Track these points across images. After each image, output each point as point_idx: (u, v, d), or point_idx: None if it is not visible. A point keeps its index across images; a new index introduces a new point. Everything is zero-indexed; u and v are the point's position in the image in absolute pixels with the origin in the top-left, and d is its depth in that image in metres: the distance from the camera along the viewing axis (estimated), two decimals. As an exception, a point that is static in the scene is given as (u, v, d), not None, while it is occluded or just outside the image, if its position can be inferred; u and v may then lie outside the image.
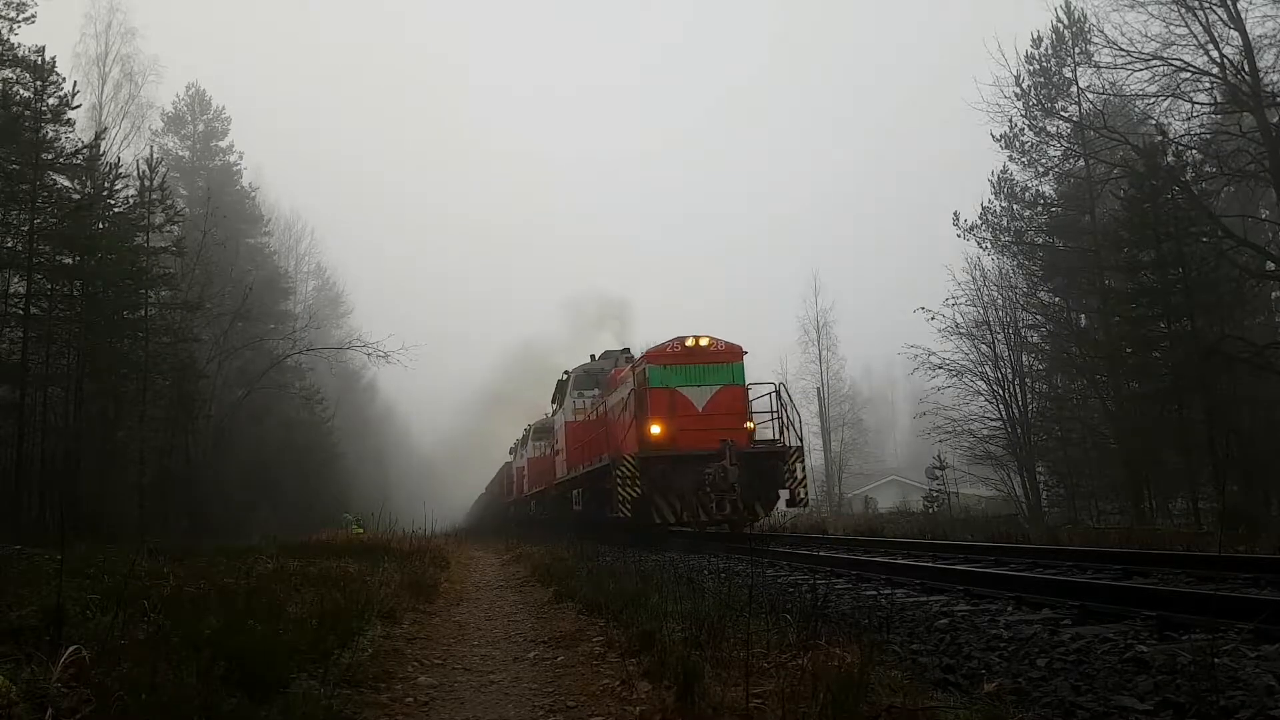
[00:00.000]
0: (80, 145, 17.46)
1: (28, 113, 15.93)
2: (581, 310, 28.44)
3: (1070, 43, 20.41)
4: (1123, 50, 15.37)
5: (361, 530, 17.21)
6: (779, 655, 3.07)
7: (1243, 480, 14.75)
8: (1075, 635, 3.57)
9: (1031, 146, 21.21)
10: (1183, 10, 14.83)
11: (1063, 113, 20.46)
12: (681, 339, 12.46)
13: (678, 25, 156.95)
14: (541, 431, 21.97)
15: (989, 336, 22.16)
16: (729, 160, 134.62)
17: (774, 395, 12.56)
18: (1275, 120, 14.34)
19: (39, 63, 16.42)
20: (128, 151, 25.36)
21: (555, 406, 19.23)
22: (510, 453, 28.75)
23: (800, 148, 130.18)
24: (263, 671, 2.88)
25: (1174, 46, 14.99)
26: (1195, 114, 15.59)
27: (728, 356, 12.49)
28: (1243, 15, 14.54)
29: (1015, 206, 21.91)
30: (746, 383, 12.63)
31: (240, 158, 34.97)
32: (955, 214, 22.23)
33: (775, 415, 12.42)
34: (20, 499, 15.13)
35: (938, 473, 22.85)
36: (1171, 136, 15.71)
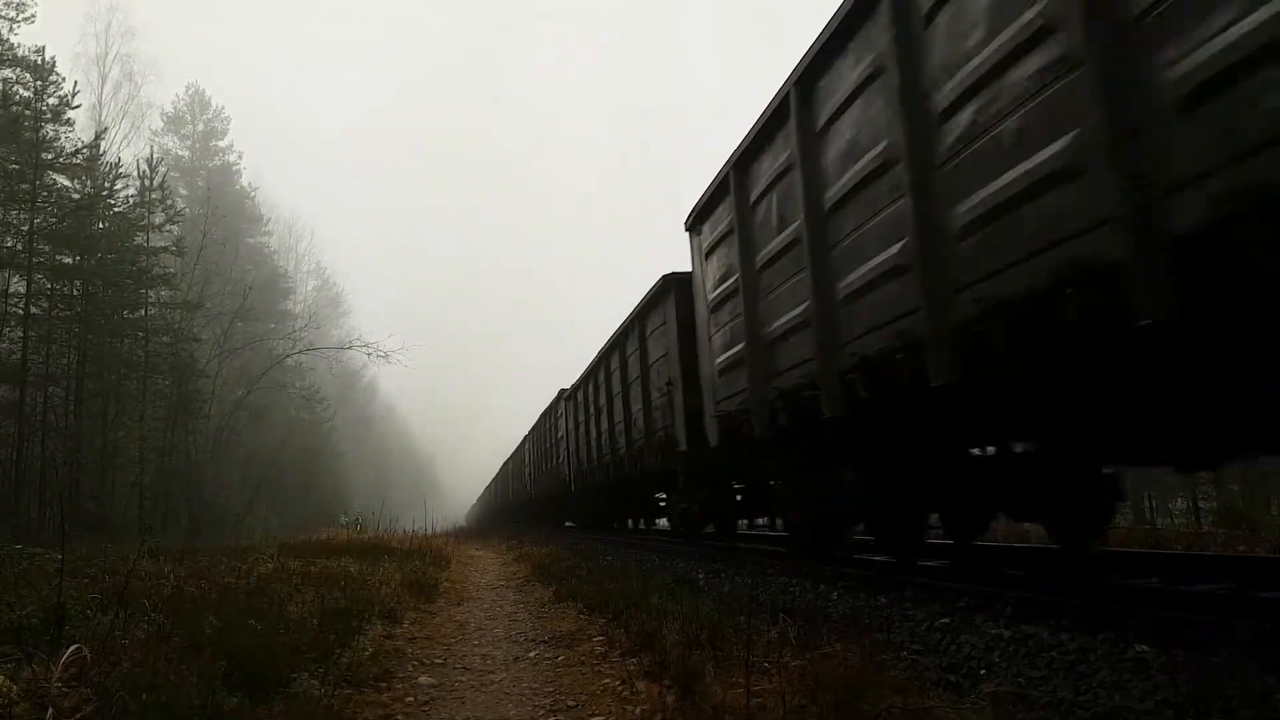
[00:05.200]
0: (80, 145, 17.48)
1: (28, 112, 15.94)
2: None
3: None
4: None
5: (360, 528, 17.23)
6: (780, 655, 3.07)
7: (1241, 479, 14.76)
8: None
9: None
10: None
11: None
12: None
13: None
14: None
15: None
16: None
17: None
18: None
19: (39, 62, 16.43)
20: (127, 151, 25.42)
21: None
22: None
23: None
24: (263, 671, 2.88)
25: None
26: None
27: None
28: None
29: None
30: None
31: (240, 157, 35.06)
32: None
33: None
34: (20, 499, 15.14)
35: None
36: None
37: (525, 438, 25.03)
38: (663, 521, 12.88)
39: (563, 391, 16.92)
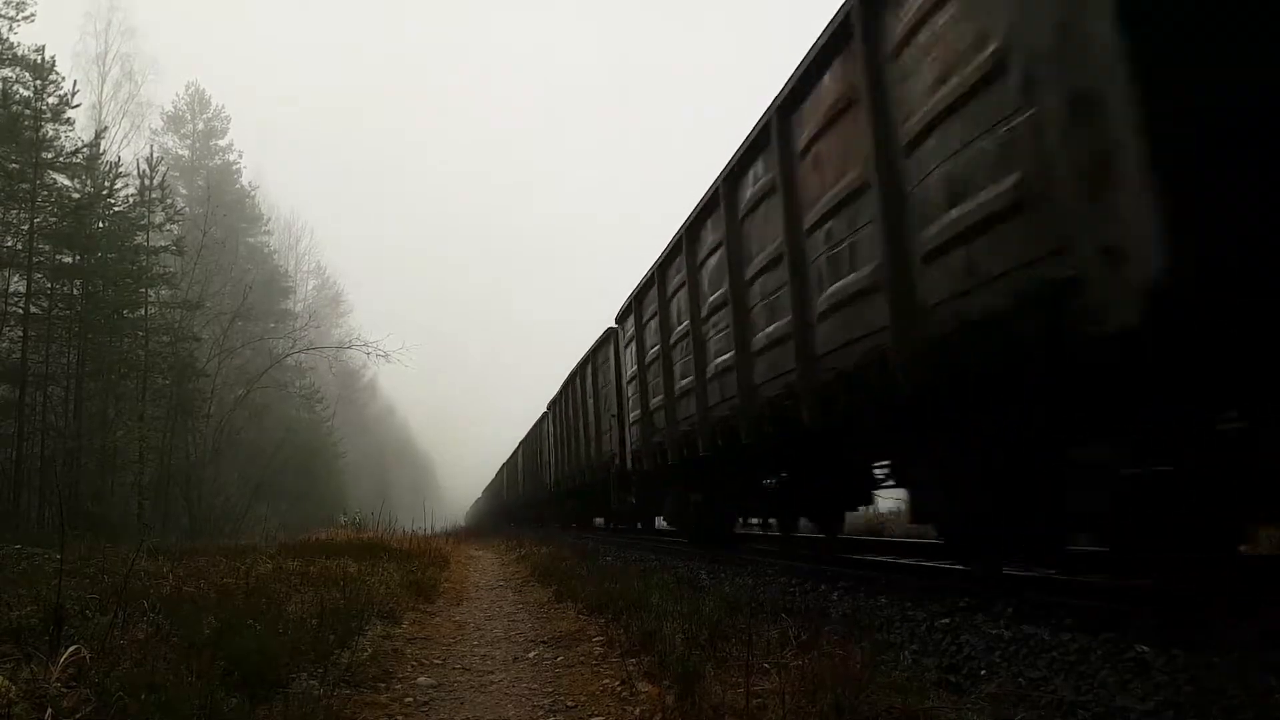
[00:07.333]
0: (80, 144, 17.46)
1: (27, 112, 15.93)
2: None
3: None
4: None
5: (359, 528, 17.21)
6: (780, 655, 3.07)
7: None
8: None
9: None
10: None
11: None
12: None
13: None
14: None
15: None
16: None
17: None
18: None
19: (39, 61, 16.42)
20: (127, 150, 25.41)
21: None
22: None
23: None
24: (262, 671, 2.88)
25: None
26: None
27: None
28: None
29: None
30: None
31: (240, 156, 35.04)
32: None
33: None
34: (20, 498, 15.13)
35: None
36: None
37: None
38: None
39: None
